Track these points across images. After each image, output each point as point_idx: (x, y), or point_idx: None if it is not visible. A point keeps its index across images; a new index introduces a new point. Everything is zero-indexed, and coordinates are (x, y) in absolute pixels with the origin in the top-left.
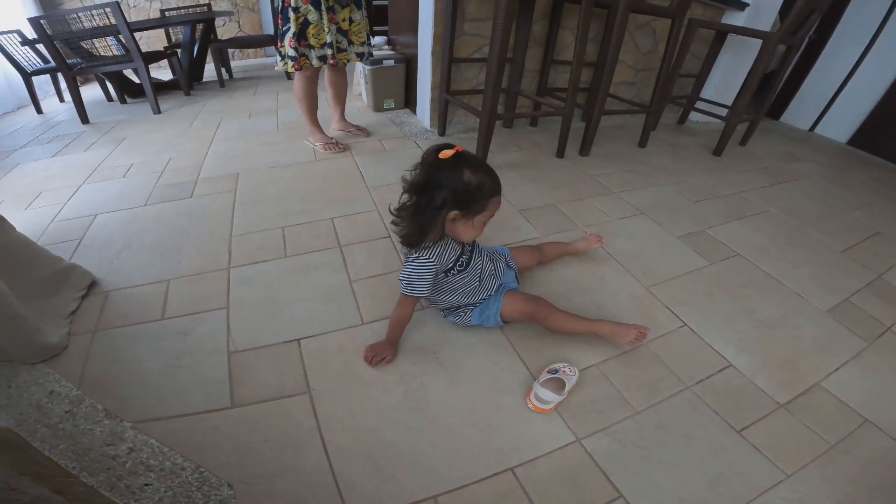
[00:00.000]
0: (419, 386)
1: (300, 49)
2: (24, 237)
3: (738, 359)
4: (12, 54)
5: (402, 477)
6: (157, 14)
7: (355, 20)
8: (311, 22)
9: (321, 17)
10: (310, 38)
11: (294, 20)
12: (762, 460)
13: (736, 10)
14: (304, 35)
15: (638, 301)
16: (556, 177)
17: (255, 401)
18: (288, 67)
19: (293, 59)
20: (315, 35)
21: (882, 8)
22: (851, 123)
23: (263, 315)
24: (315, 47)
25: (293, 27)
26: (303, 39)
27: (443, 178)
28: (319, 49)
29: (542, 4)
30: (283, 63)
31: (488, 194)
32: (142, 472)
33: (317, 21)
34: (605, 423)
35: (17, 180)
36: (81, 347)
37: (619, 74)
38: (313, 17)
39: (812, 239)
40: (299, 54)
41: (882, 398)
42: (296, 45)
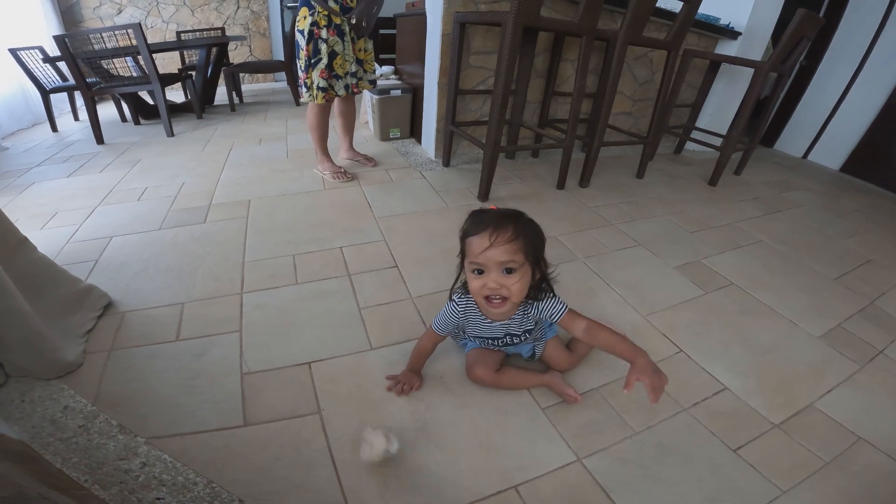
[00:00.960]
0: (426, 408)
1: (329, 80)
2: (46, 258)
3: (734, 382)
4: (33, 71)
5: (408, 495)
6: (174, 36)
7: (368, 49)
8: (338, 53)
9: (345, 47)
10: (336, 68)
11: (325, 52)
12: (758, 478)
13: (729, 40)
14: (331, 66)
15: (636, 329)
16: (557, 208)
17: (267, 420)
18: (318, 99)
19: (324, 89)
20: (341, 65)
21: (868, 33)
22: (843, 150)
23: (275, 339)
24: (341, 77)
25: (325, 59)
26: (331, 70)
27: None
28: (344, 79)
29: (545, 38)
30: (309, 95)
31: (464, 236)
32: (154, 487)
33: (342, 52)
34: (605, 444)
35: (32, 200)
36: (97, 365)
37: (617, 105)
38: (340, 49)
39: (805, 267)
40: (329, 85)
41: (875, 417)
42: (326, 76)
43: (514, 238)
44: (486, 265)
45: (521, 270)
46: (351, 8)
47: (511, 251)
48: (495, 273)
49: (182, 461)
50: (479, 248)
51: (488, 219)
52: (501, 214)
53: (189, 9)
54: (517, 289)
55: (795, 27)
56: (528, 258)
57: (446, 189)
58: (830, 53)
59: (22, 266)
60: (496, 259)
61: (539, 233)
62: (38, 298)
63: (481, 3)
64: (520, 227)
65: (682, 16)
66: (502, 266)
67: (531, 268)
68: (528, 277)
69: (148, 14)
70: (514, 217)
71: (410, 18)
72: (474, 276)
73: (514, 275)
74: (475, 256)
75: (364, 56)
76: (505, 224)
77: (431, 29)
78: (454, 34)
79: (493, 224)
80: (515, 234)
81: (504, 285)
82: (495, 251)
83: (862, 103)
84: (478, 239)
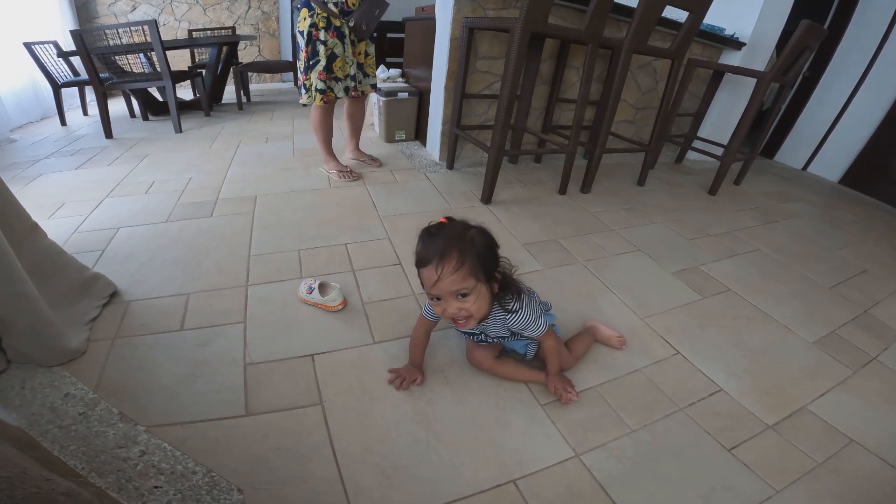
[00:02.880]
0: (427, 402)
1: (328, 82)
2: (56, 245)
3: (728, 384)
4: (46, 65)
5: (408, 487)
6: (186, 34)
7: (370, 53)
8: (337, 55)
9: (345, 49)
10: (336, 70)
11: (323, 53)
12: (752, 477)
13: (733, 50)
14: (330, 68)
15: (633, 331)
16: (558, 213)
17: (268, 410)
18: (316, 100)
19: (322, 91)
20: (340, 68)
21: (871, 46)
22: (842, 163)
23: (279, 331)
24: (340, 79)
25: (323, 60)
26: (330, 72)
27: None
28: (344, 81)
29: (550, 45)
30: (308, 96)
31: (416, 263)
32: (152, 475)
33: (342, 54)
34: (602, 440)
35: (40, 190)
36: (100, 353)
37: (619, 113)
38: (339, 51)
39: (801, 276)
40: (327, 87)
41: (867, 421)
42: (325, 78)
43: (460, 266)
44: (440, 294)
45: (476, 291)
46: (351, 11)
47: (459, 280)
48: (451, 300)
49: (182, 450)
50: (429, 281)
51: (433, 249)
52: (446, 240)
53: (201, 7)
54: (475, 308)
55: (799, 38)
56: (480, 277)
57: (450, 191)
58: (833, 65)
59: (32, 252)
60: (447, 289)
61: (488, 245)
62: (46, 284)
63: (490, 9)
64: (465, 251)
65: (687, 25)
66: (455, 294)
67: (486, 285)
68: (484, 294)
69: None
70: (458, 238)
71: (419, 23)
72: (434, 302)
73: (468, 297)
74: (428, 288)
75: (365, 60)
76: (449, 253)
77: (440, 33)
78: (462, 39)
79: (437, 255)
80: (460, 261)
81: (462, 308)
82: (444, 283)
83: (862, 116)
84: (426, 272)
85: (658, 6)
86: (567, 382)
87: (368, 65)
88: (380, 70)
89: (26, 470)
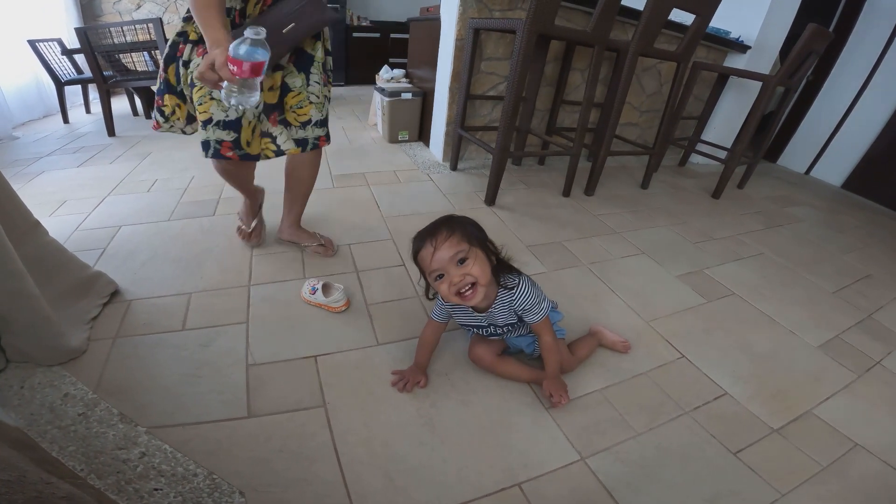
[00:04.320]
0: (431, 404)
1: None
2: (57, 242)
3: (734, 388)
4: (50, 62)
5: (412, 489)
6: None
7: (293, 88)
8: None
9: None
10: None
11: (184, 82)
12: (757, 480)
13: (738, 53)
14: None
15: (638, 334)
16: (562, 215)
17: (271, 412)
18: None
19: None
20: (204, 111)
21: (876, 50)
22: (845, 167)
23: (282, 331)
24: (207, 125)
25: (162, 86)
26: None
27: None
28: (214, 131)
29: (556, 47)
30: (167, 125)
31: (414, 258)
32: (153, 477)
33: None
34: (607, 444)
35: (42, 188)
36: (101, 352)
37: (624, 116)
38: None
39: (805, 280)
40: (165, 118)
41: (872, 424)
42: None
43: (451, 234)
44: (442, 267)
45: (472, 254)
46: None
47: (453, 244)
48: (453, 269)
49: (183, 452)
50: (428, 258)
51: (423, 234)
52: (432, 225)
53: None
54: (478, 270)
55: (805, 42)
56: (473, 242)
57: (454, 192)
58: (837, 69)
59: (33, 249)
60: (446, 257)
61: (472, 222)
62: (46, 283)
63: (496, 10)
64: (452, 224)
65: (693, 29)
66: (454, 260)
67: (482, 251)
68: (483, 259)
69: (166, 10)
70: (444, 220)
71: (424, 23)
72: (439, 282)
73: (468, 262)
74: (429, 266)
75: (287, 100)
76: (437, 229)
77: (445, 34)
78: (468, 40)
79: (428, 235)
80: (450, 230)
81: (465, 273)
82: (441, 252)
83: (866, 120)
84: (423, 252)
85: (665, 9)
86: (562, 386)
87: (291, 107)
88: (384, 70)
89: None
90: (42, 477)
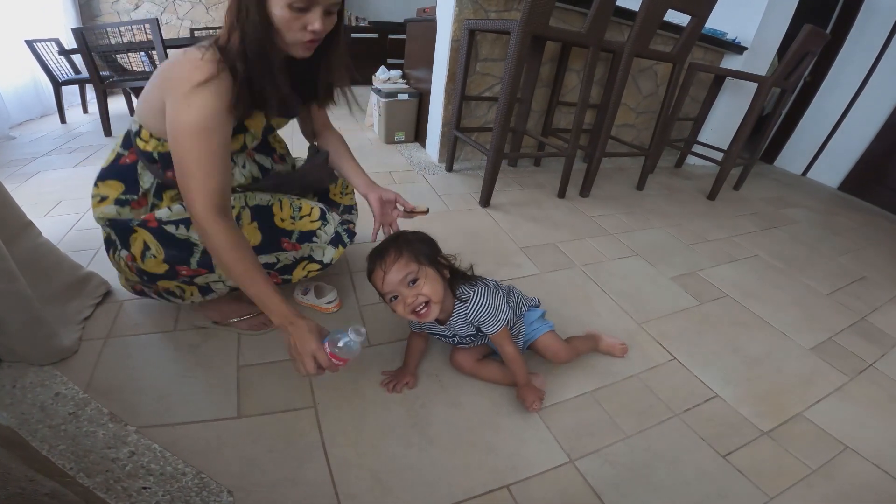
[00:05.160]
0: (421, 406)
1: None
2: (50, 243)
3: (724, 390)
4: (47, 62)
5: (401, 491)
6: (188, 33)
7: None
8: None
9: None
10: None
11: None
12: (746, 483)
13: (734, 54)
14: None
15: (630, 336)
16: (557, 216)
17: (261, 412)
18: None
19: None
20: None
21: (873, 51)
22: (841, 169)
23: (273, 333)
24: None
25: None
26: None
27: None
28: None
29: (551, 47)
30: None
31: (369, 278)
32: (141, 476)
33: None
34: (596, 446)
35: (37, 187)
36: (92, 352)
37: (620, 117)
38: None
39: (799, 282)
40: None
41: (863, 428)
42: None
43: (398, 256)
44: (394, 289)
45: (423, 273)
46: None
47: (401, 266)
48: (405, 290)
49: (172, 451)
50: (380, 281)
51: (374, 256)
52: (383, 245)
53: (204, 6)
54: (429, 290)
55: (801, 42)
56: (423, 261)
57: (448, 193)
58: (835, 70)
59: (25, 250)
60: (396, 280)
61: (423, 238)
62: (39, 283)
63: (491, 10)
64: (399, 245)
65: (689, 29)
66: (405, 282)
67: (432, 268)
68: (434, 277)
69: (164, 10)
70: (393, 239)
71: (420, 24)
72: (394, 303)
73: (419, 281)
74: (382, 289)
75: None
76: (386, 251)
77: (441, 35)
78: (463, 41)
79: (378, 257)
80: (398, 252)
81: (417, 293)
82: (391, 275)
83: (862, 122)
84: (374, 275)
85: (660, 10)
86: (535, 393)
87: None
88: (380, 71)
89: (10, 470)
90: (27, 474)
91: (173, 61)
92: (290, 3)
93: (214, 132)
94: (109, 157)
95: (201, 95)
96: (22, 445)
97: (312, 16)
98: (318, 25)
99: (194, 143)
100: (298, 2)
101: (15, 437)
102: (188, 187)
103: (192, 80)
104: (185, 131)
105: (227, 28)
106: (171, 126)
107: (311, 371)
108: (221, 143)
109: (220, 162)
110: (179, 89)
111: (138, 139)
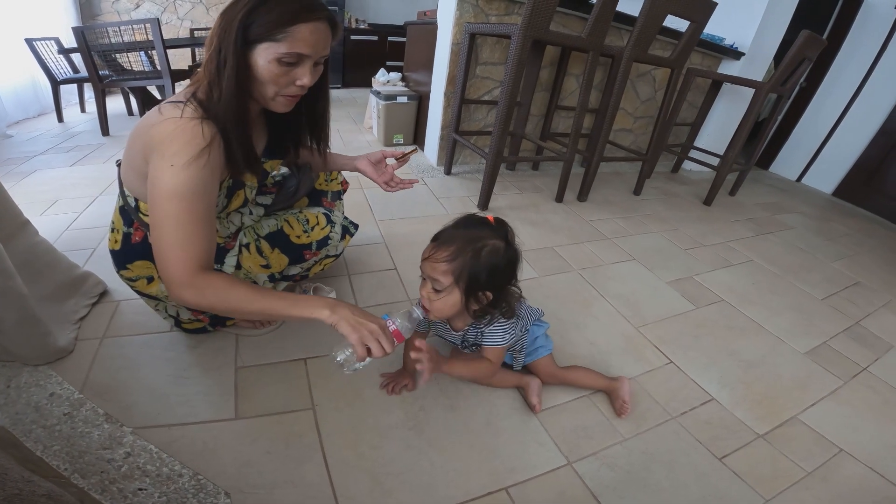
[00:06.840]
0: (420, 408)
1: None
2: (46, 242)
3: (720, 393)
4: (46, 61)
5: (399, 493)
6: (188, 33)
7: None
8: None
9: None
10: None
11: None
12: (742, 486)
13: (732, 60)
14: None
15: (628, 339)
16: (555, 221)
17: (259, 414)
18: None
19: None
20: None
21: (869, 58)
22: (836, 175)
23: (271, 334)
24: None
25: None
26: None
27: None
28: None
29: (551, 52)
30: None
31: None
32: (137, 477)
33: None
34: (594, 449)
35: (34, 186)
36: (88, 352)
37: (618, 121)
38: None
39: (793, 287)
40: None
41: (857, 430)
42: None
43: (450, 260)
44: (423, 273)
45: (448, 291)
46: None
47: (439, 271)
48: (426, 283)
49: (168, 452)
50: (423, 255)
51: (447, 233)
52: (461, 232)
53: (204, 7)
54: (436, 307)
55: (798, 48)
56: (459, 285)
57: (447, 196)
58: (831, 76)
59: (22, 248)
60: (427, 270)
61: (491, 267)
62: (35, 282)
63: (492, 14)
64: (463, 253)
65: (688, 35)
66: (431, 280)
67: (462, 295)
68: (453, 301)
69: (164, 10)
70: (469, 240)
71: (421, 27)
72: (422, 280)
73: (440, 293)
74: (421, 261)
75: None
76: (450, 244)
77: (441, 38)
78: (464, 44)
79: (444, 239)
80: (452, 256)
81: (430, 297)
82: (427, 264)
83: (857, 128)
84: (428, 246)
85: (660, 15)
86: (435, 360)
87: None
88: (380, 73)
89: (7, 471)
90: (24, 475)
91: (151, 122)
92: (279, 58)
93: (202, 196)
94: (113, 237)
95: (193, 163)
96: (15, 445)
97: (302, 70)
98: (307, 80)
99: (179, 206)
100: (288, 57)
101: (9, 437)
102: (168, 254)
103: (180, 149)
104: (167, 194)
105: (206, 81)
106: (154, 189)
107: (388, 349)
108: (210, 204)
109: (206, 225)
110: (164, 152)
111: (139, 214)
